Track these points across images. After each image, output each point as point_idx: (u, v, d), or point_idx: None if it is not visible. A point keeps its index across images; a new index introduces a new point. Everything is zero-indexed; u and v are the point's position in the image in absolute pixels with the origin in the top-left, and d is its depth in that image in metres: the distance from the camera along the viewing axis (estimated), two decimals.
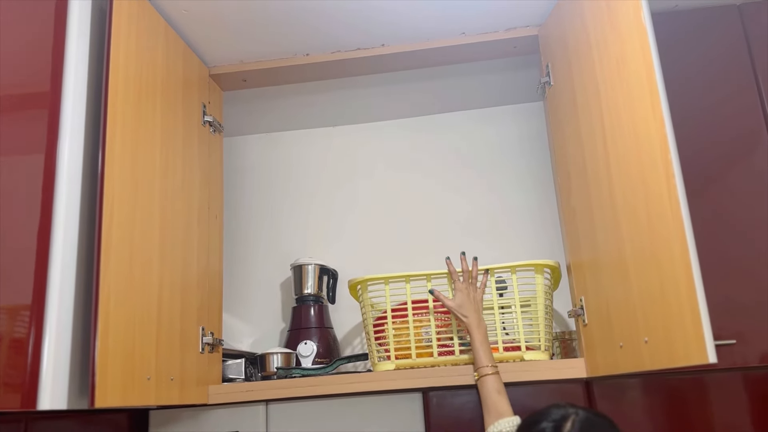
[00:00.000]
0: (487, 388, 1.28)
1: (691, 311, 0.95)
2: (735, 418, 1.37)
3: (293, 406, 1.49)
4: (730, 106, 1.48)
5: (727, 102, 1.48)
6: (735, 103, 1.48)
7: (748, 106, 1.47)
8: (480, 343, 1.33)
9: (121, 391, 1.10)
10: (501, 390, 1.28)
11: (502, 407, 1.25)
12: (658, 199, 1.02)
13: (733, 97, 1.48)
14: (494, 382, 1.28)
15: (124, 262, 1.14)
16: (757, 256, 1.39)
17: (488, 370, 1.30)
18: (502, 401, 1.26)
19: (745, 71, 1.50)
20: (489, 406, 1.27)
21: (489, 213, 1.92)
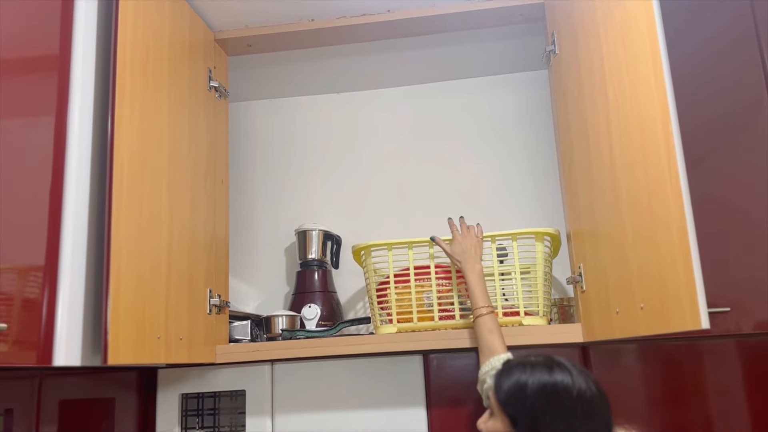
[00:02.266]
0: (481, 328, 1.31)
1: (686, 279, 0.97)
2: (728, 383, 1.41)
3: (297, 366, 1.54)
4: (734, 79, 1.48)
5: (731, 75, 1.48)
6: (739, 77, 1.48)
7: (752, 79, 1.47)
8: (474, 284, 1.36)
9: (132, 349, 1.14)
10: (494, 329, 1.30)
11: (495, 345, 1.28)
12: (658, 170, 1.03)
13: (737, 71, 1.48)
14: (488, 322, 1.31)
15: (133, 225, 1.17)
16: (754, 227, 1.41)
17: (483, 311, 1.32)
18: (494, 340, 1.29)
19: (750, 45, 1.49)
20: (482, 345, 1.30)
21: (491, 181, 1.94)
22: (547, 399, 0.98)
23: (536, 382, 1.00)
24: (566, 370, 1.01)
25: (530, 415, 0.98)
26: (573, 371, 1.01)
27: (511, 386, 1.02)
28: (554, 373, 1.01)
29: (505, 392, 1.02)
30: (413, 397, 1.49)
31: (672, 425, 1.40)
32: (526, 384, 1.00)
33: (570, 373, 1.01)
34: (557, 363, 1.03)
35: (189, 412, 1.64)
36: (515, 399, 1.01)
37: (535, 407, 0.98)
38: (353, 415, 1.50)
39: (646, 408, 1.41)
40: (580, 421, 0.97)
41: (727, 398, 1.40)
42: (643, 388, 1.43)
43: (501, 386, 1.03)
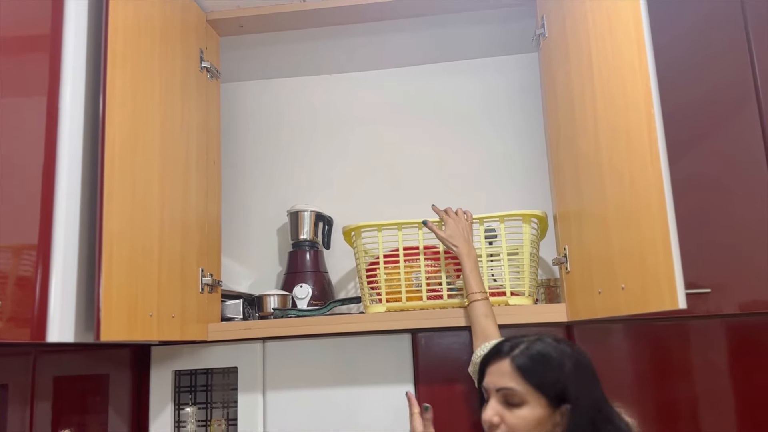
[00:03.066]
0: (475, 312, 1.34)
1: (665, 261, 1.00)
2: (711, 362, 1.44)
3: (289, 344, 1.57)
4: (719, 63, 1.50)
5: (717, 59, 1.50)
6: (725, 61, 1.49)
7: (738, 63, 1.49)
8: (470, 270, 1.38)
9: (125, 326, 1.16)
10: (488, 314, 1.33)
11: (489, 330, 1.31)
12: (641, 154, 1.06)
13: (723, 55, 1.50)
14: (482, 307, 1.34)
15: (125, 204, 1.19)
16: (737, 210, 1.44)
17: (477, 296, 1.35)
18: (489, 324, 1.32)
19: (737, 28, 1.50)
20: (477, 329, 1.33)
21: (481, 163, 1.96)
22: (579, 370, 1.03)
23: (562, 357, 1.03)
24: (567, 341, 1.08)
25: (572, 388, 1.00)
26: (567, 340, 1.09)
27: (542, 369, 1.01)
28: (563, 344, 1.06)
29: (539, 376, 1.00)
30: (402, 375, 1.52)
31: (655, 403, 1.44)
32: (556, 364, 1.02)
33: (569, 342, 1.08)
34: (556, 337, 1.08)
35: (182, 389, 1.68)
36: (553, 379, 1.00)
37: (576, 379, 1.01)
38: (343, 391, 1.53)
39: (629, 386, 1.45)
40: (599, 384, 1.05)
41: (709, 377, 1.44)
42: (626, 366, 1.47)
43: (530, 372, 1.00)
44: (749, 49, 1.49)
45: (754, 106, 1.47)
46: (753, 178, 1.44)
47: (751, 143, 1.46)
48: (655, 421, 1.42)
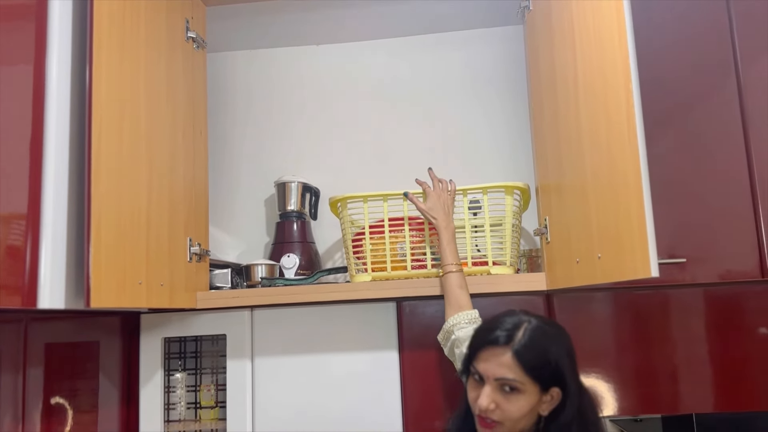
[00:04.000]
0: (450, 283, 1.38)
1: (639, 232, 1.04)
2: (685, 330, 1.50)
3: (276, 312, 1.60)
4: (700, 41, 1.52)
5: (698, 37, 1.52)
6: (706, 38, 1.51)
7: (719, 41, 1.51)
8: (447, 242, 1.42)
9: (114, 293, 1.19)
10: (463, 285, 1.37)
11: (463, 301, 1.35)
12: (618, 129, 1.09)
13: (704, 32, 1.52)
14: (457, 279, 1.38)
15: (113, 173, 1.20)
16: (714, 185, 1.47)
17: (452, 267, 1.39)
18: (462, 295, 1.36)
19: (718, 7, 1.52)
20: (451, 299, 1.37)
21: (466, 135, 1.97)
22: (569, 356, 1.07)
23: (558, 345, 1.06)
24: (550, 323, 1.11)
25: (567, 378, 1.05)
26: None
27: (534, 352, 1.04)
28: (548, 323, 1.10)
29: (533, 361, 1.03)
30: (387, 342, 1.57)
31: (633, 369, 1.49)
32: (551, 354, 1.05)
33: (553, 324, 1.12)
34: (539, 318, 1.11)
35: (171, 355, 1.71)
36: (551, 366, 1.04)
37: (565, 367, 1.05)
38: (329, 358, 1.58)
39: (608, 352, 1.50)
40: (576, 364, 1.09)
41: (686, 343, 1.49)
42: (604, 333, 1.51)
43: (524, 356, 1.03)
44: (730, 28, 1.51)
45: (734, 83, 1.49)
46: (730, 153, 1.48)
47: (729, 119, 1.49)
48: (633, 386, 1.48)
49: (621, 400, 1.48)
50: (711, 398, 1.47)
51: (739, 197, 1.46)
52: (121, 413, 1.59)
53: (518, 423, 1.04)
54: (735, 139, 1.48)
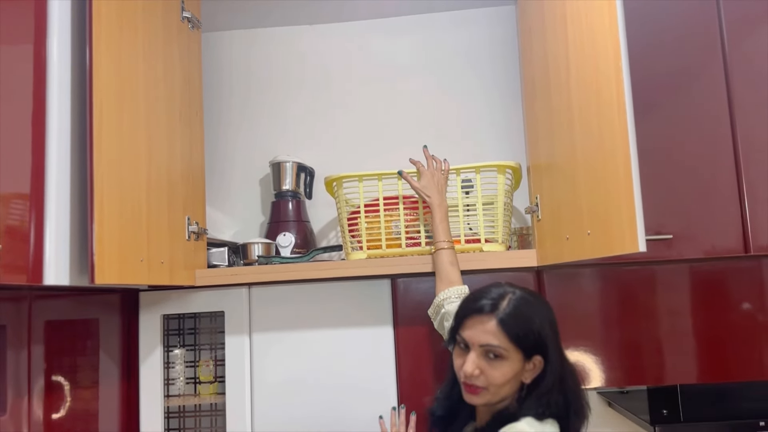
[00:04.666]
0: (441, 260, 1.42)
1: (627, 208, 1.07)
2: (672, 304, 1.55)
3: (274, 289, 1.63)
4: (688, 22, 1.54)
5: (685, 18, 1.54)
6: (693, 19, 1.54)
7: (706, 21, 1.54)
8: (440, 220, 1.45)
9: (117, 270, 1.21)
10: (454, 262, 1.41)
11: (453, 277, 1.39)
12: (608, 109, 1.12)
13: (692, 13, 1.54)
14: (448, 255, 1.41)
15: (114, 153, 1.22)
16: (700, 165, 1.51)
17: (444, 245, 1.42)
18: (453, 272, 1.40)
19: None
20: (442, 275, 1.41)
21: (460, 114, 2.00)
22: (551, 326, 1.12)
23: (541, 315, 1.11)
24: (530, 290, 1.15)
25: (550, 347, 1.10)
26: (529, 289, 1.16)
27: (518, 320, 1.09)
28: (538, 296, 1.15)
29: (517, 329, 1.08)
30: (381, 317, 1.61)
31: (620, 342, 1.54)
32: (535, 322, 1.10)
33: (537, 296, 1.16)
34: (524, 290, 1.15)
35: (170, 332, 1.75)
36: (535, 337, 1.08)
37: (547, 336, 1.10)
38: (325, 333, 1.61)
39: (594, 326, 1.55)
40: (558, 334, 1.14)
41: (672, 318, 1.54)
42: (590, 308, 1.56)
43: (509, 324, 1.08)
44: (717, 8, 1.54)
45: (720, 64, 1.53)
46: (716, 133, 1.51)
47: (715, 99, 1.52)
48: (620, 359, 1.53)
49: (608, 371, 1.53)
50: (696, 370, 1.53)
51: (724, 176, 1.50)
52: (121, 389, 1.63)
53: (501, 389, 1.09)
54: (721, 119, 1.51)
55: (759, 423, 1.51)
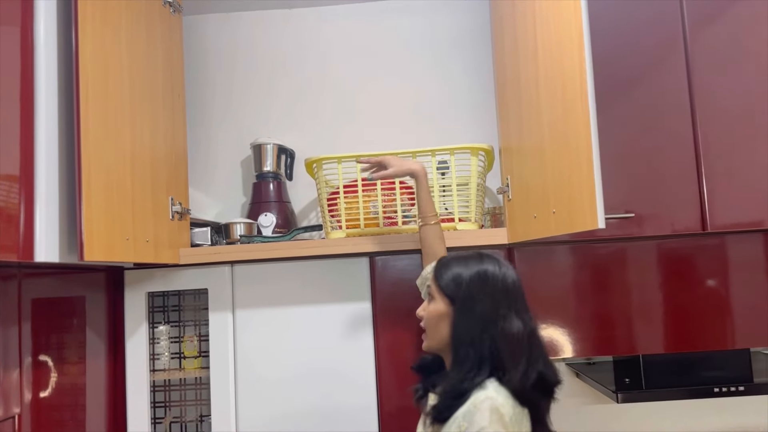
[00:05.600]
0: (429, 234, 1.46)
1: (588, 188, 1.15)
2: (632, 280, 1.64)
3: (256, 267, 1.69)
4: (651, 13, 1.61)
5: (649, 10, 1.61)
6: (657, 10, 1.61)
7: (669, 12, 1.61)
8: (426, 193, 1.46)
9: (105, 247, 1.26)
10: (441, 237, 1.47)
11: (440, 251, 1.45)
12: (572, 95, 1.19)
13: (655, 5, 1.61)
14: (438, 230, 1.46)
15: (100, 135, 1.26)
16: (663, 148, 1.59)
17: (431, 219, 1.46)
18: (440, 246, 1.45)
19: None
20: (429, 249, 1.46)
21: (436, 99, 2.06)
22: (479, 282, 1.16)
23: (471, 269, 1.17)
24: (494, 261, 1.20)
25: (465, 296, 1.16)
26: (499, 261, 1.20)
27: (450, 273, 1.18)
28: (485, 263, 1.19)
29: (445, 279, 1.19)
30: (360, 293, 1.68)
31: (584, 314, 1.63)
32: (462, 272, 1.17)
33: (497, 262, 1.19)
34: (487, 255, 1.21)
35: (155, 309, 1.80)
36: (455, 283, 1.17)
37: (470, 289, 1.16)
38: (307, 309, 1.68)
39: (562, 300, 1.64)
40: (504, 297, 1.16)
41: (636, 291, 1.64)
42: (558, 283, 1.65)
43: (441, 275, 1.20)
44: (681, 5, 1.61)
45: (682, 54, 1.60)
46: (677, 119, 1.59)
47: (677, 87, 1.60)
48: (588, 330, 1.63)
49: (576, 343, 1.63)
50: (659, 341, 1.63)
51: (684, 161, 1.59)
52: (108, 363, 1.68)
53: (436, 332, 1.18)
54: (682, 106, 1.60)
55: (713, 389, 1.61)
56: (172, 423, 1.82)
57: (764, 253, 1.64)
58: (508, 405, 1.07)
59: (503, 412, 1.06)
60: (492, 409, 1.05)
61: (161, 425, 1.81)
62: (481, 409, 1.06)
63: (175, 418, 1.82)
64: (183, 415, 1.82)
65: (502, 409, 1.06)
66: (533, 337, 1.15)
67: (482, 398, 1.07)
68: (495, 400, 1.06)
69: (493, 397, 1.07)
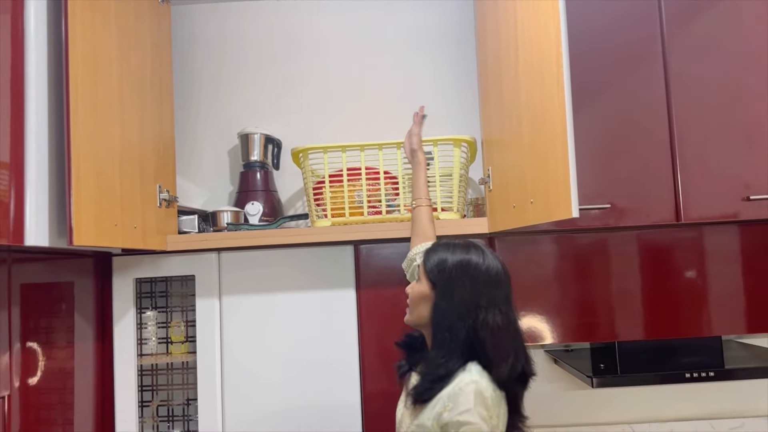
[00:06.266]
0: (421, 216, 1.50)
1: (564, 179, 1.19)
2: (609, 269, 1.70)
3: (242, 254, 1.72)
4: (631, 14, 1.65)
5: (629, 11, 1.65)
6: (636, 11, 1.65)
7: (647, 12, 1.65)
8: (422, 176, 1.52)
9: (93, 233, 1.29)
10: (432, 219, 1.51)
11: (430, 232, 1.48)
12: (550, 90, 1.22)
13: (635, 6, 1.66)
14: (427, 212, 1.51)
15: (89, 122, 1.29)
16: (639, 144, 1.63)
17: (424, 202, 1.51)
18: (430, 228, 1.49)
19: None
20: (419, 230, 1.50)
21: (423, 91, 2.09)
22: (461, 271, 1.20)
23: (455, 257, 1.21)
24: (480, 251, 1.24)
25: (446, 281, 1.20)
26: (486, 252, 1.24)
27: (436, 259, 1.23)
28: (470, 252, 1.23)
29: (430, 263, 1.23)
30: (345, 281, 1.71)
31: (562, 302, 1.68)
32: (446, 258, 1.21)
33: (483, 253, 1.23)
34: (474, 245, 1.25)
35: (143, 295, 1.83)
36: (437, 268, 1.21)
37: (451, 276, 1.20)
38: (292, 296, 1.72)
39: (541, 288, 1.69)
40: (485, 289, 1.20)
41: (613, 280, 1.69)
42: (537, 272, 1.70)
43: (429, 259, 1.24)
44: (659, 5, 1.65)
45: (659, 53, 1.65)
46: (654, 115, 1.64)
47: (654, 85, 1.64)
48: (566, 318, 1.68)
49: (555, 330, 1.68)
50: (635, 328, 1.68)
51: (660, 153, 1.63)
52: (96, 348, 1.71)
53: (417, 310, 1.23)
54: (658, 102, 1.64)
55: (685, 375, 1.67)
56: (159, 406, 1.85)
57: (739, 244, 1.70)
58: (490, 389, 1.12)
59: (486, 395, 1.11)
60: (476, 392, 1.10)
61: (148, 408, 1.84)
62: (466, 392, 1.11)
63: (162, 402, 1.85)
64: (170, 398, 1.85)
65: (485, 392, 1.11)
66: (516, 331, 1.20)
67: (467, 381, 1.12)
68: (479, 384, 1.11)
69: (477, 381, 1.12)
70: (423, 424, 1.14)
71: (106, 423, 1.70)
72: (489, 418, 1.09)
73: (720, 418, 2.00)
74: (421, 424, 1.14)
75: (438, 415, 1.11)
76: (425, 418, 1.14)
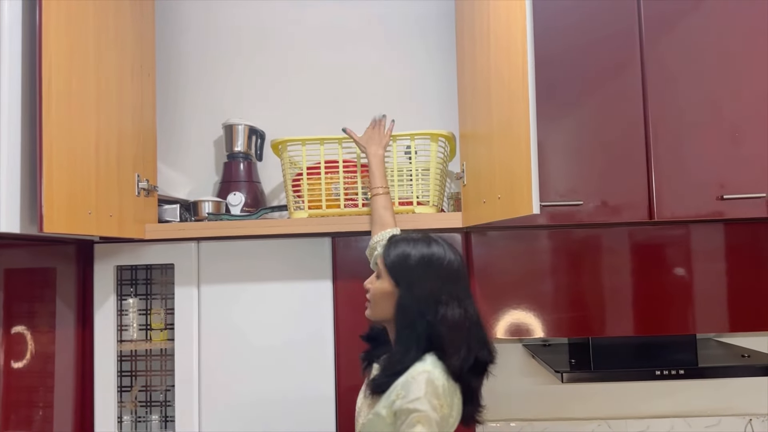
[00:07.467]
0: (377, 204, 1.52)
1: (527, 177, 1.20)
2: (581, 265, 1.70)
3: (222, 244, 1.75)
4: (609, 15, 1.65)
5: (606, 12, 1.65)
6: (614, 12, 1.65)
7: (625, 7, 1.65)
8: (375, 167, 1.55)
9: (65, 220, 1.31)
10: (387, 207, 1.53)
11: (387, 220, 1.50)
12: (516, 89, 1.23)
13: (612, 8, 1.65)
14: (383, 200, 1.52)
15: (63, 110, 1.31)
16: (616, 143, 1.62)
17: (379, 190, 1.53)
18: (387, 215, 1.51)
19: None
20: (376, 219, 1.52)
21: (407, 82, 2.11)
22: (424, 266, 1.22)
23: (417, 252, 1.23)
24: (441, 246, 1.25)
25: (409, 277, 1.22)
26: (445, 246, 1.25)
27: (397, 255, 1.24)
28: (432, 246, 1.24)
29: (392, 259, 1.25)
30: (322, 272, 1.73)
31: (535, 298, 1.69)
32: (409, 254, 1.23)
33: (443, 246, 1.25)
34: (434, 239, 1.27)
35: (123, 282, 1.86)
36: (399, 265, 1.23)
37: (413, 271, 1.22)
38: (270, 286, 1.74)
39: (513, 283, 1.70)
40: (446, 283, 1.22)
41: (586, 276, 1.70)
42: (511, 267, 1.70)
43: (389, 255, 1.26)
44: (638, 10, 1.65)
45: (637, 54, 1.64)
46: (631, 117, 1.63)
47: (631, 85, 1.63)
48: (538, 313, 1.69)
49: (530, 325, 1.69)
50: (610, 324, 1.69)
51: (635, 154, 1.62)
52: (77, 334, 1.74)
53: (377, 306, 1.26)
54: (634, 101, 1.63)
55: (656, 372, 1.68)
56: (139, 392, 1.88)
57: (723, 242, 1.70)
58: (443, 378, 1.14)
59: (438, 384, 1.13)
60: (428, 381, 1.13)
61: (128, 393, 1.88)
62: (418, 381, 1.13)
63: (141, 388, 1.89)
64: (149, 384, 1.89)
65: (437, 381, 1.13)
66: (473, 324, 1.21)
67: (420, 370, 1.15)
68: (431, 373, 1.14)
69: (429, 371, 1.14)
70: (378, 413, 1.16)
71: (86, 407, 1.74)
72: (440, 407, 1.11)
73: (696, 416, 2.02)
74: (377, 413, 1.16)
75: (391, 403, 1.14)
76: (381, 406, 1.16)
